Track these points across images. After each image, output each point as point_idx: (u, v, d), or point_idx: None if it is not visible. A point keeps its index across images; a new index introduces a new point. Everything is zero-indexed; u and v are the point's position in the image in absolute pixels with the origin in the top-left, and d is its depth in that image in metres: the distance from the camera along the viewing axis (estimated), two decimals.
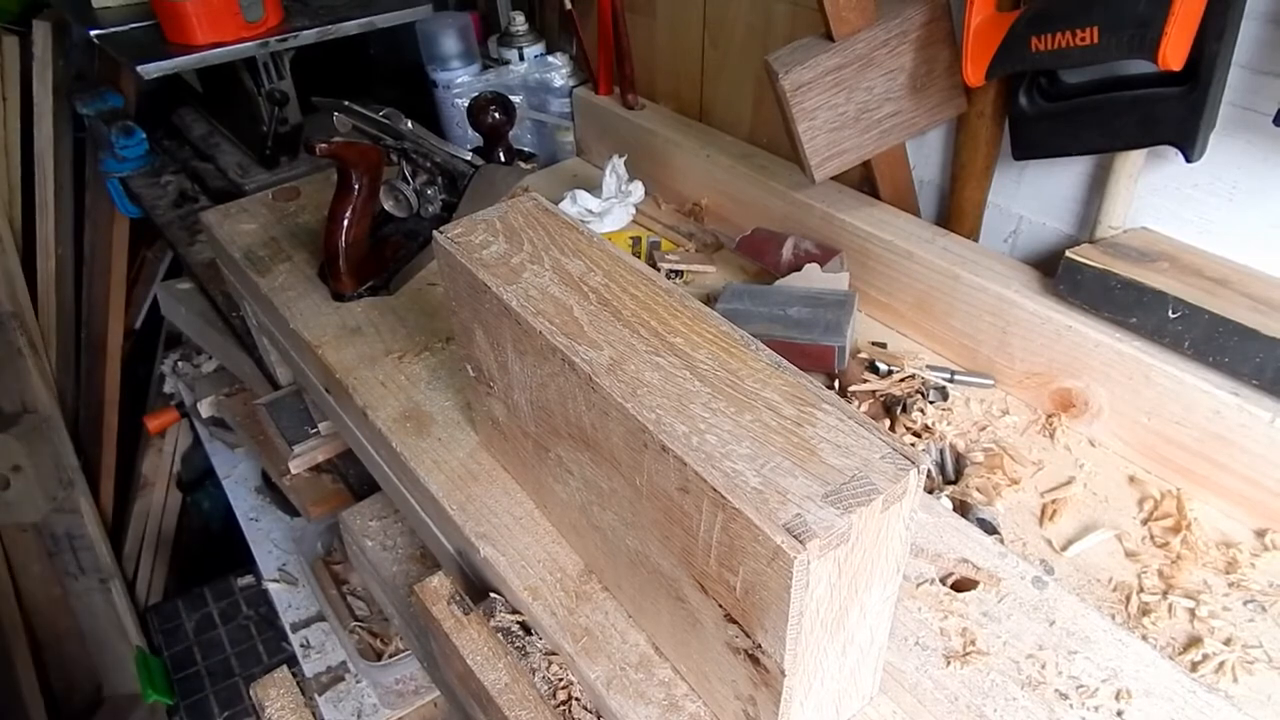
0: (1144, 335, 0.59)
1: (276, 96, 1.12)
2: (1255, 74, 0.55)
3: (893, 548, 0.34)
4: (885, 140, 0.71)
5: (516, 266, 0.43)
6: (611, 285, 0.39)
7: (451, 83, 1.06)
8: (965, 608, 0.47)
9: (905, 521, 0.34)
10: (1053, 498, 0.59)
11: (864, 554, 0.33)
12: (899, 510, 0.33)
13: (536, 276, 0.42)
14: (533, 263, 0.43)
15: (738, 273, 0.84)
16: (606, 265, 0.41)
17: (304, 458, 0.95)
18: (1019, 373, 0.67)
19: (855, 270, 0.77)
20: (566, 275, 0.41)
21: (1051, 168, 0.70)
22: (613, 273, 0.40)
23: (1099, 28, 0.54)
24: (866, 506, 0.31)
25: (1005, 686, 0.44)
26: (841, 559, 0.32)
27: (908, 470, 0.32)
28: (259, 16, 1.05)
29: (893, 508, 0.32)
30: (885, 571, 0.34)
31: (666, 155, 0.95)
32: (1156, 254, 0.62)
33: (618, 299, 0.39)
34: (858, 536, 0.32)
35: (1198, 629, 0.50)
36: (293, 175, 1.15)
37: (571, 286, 0.40)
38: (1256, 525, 0.57)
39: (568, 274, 0.41)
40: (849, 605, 0.34)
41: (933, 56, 0.67)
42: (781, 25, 0.85)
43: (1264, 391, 0.55)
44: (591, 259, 0.41)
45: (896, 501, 0.32)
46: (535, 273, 0.42)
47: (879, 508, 0.32)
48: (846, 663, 0.35)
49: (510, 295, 0.41)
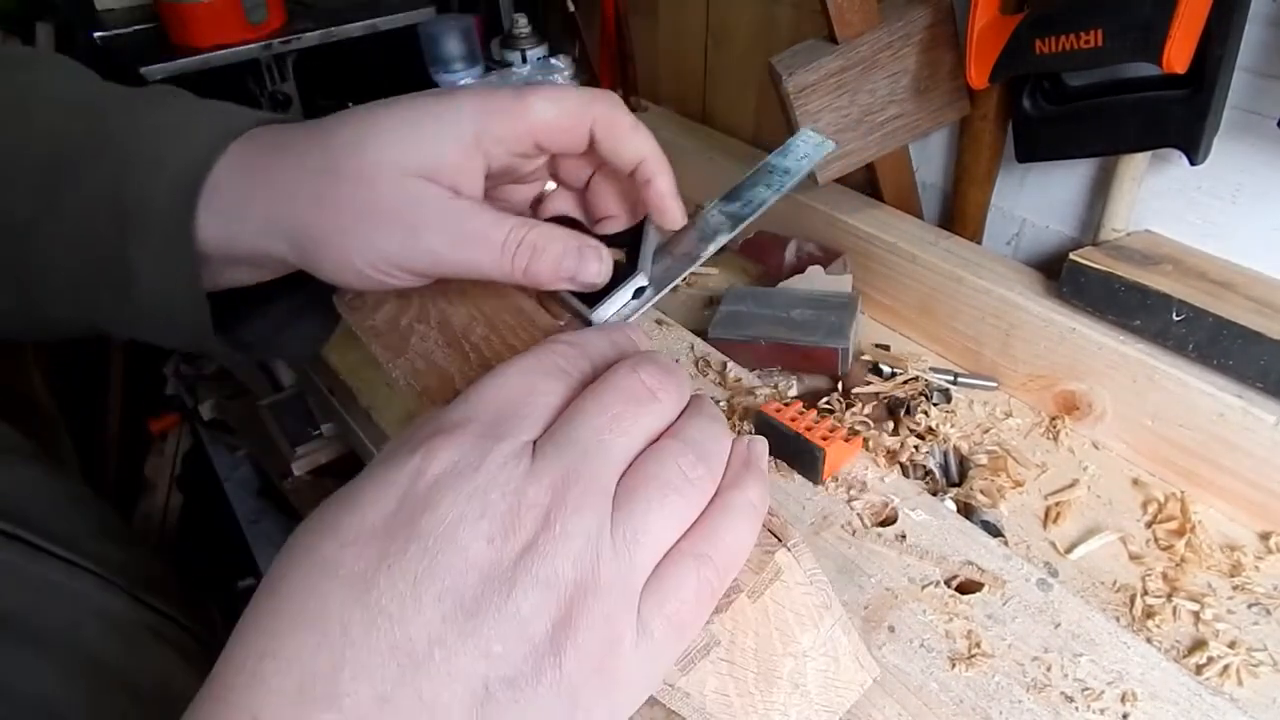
0: (1148, 338, 0.59)
1: (280, 99, 1.12)
2: (1259, 77, 0.56)
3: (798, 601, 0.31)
4: (888, 143, 0.71)
5: (405, 330, 0.41)
6: (492, 338, 0.38)
7: (454, 85, 1.06)
8: (970, 610, 0.47)
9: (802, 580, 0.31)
10: (1056, 500, 0.59)
11: (755, 636, 0.30)
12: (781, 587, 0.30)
13: (423, 340, 0.40)
14: (420, 321, 0.41)
15: (740, 275, 0.84)
16: (489, 310, 0.40)
17: (306, 459, 0.96)
18: (1022, 375, 0.67)
19: (858, 273, 0.77)
20: (450, 333, 0.39)
21: (1055, 170, 0.70)
22: (494, 321, 0.39)
23: (1103, 31, 0.54)
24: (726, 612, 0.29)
25: (1011, 689, 0.44)
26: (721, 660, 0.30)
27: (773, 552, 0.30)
28: (262, 19, 1.05)
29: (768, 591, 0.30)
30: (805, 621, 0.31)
31: (670, 157, 0.95)
32: (1160, 257, 0.62)
33: (497, 355, 0.37)
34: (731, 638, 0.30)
35: (1202, 632, 0.50)
36: None
37: (454, 348, 0.39)
38: (1261, 528, 0.57)
39: (452, 331, 0.39)
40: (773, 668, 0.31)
41: (936, 59, 0.68)
42: (785, 28, 0.85)
43: (1269, 395, 0.55)
44: (475, 304, 0.40)
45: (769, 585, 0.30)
46: (422, 335, 0.41)
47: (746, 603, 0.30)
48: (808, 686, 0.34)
49: (398, 373, 0.40)
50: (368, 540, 0.24)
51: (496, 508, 0.24)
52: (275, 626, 0.23)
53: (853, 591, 0.49)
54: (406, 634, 0.22)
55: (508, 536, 0.24)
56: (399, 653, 0.22)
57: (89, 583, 0.43)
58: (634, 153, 0.37)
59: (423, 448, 0.25)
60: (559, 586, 0.24)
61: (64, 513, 0.47)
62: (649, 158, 0.37)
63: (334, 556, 0.24)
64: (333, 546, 0.24)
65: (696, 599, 0.27)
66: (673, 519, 0.27)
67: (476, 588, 0.23)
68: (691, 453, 0.27)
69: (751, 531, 0.29)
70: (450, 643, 0.23)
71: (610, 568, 0.25)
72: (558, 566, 0.24)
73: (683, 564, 0.26)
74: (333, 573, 0.23)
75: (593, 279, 0.36)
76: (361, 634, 0.22)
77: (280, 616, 0.23)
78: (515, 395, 0.27)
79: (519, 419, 0.27)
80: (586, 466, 0.26)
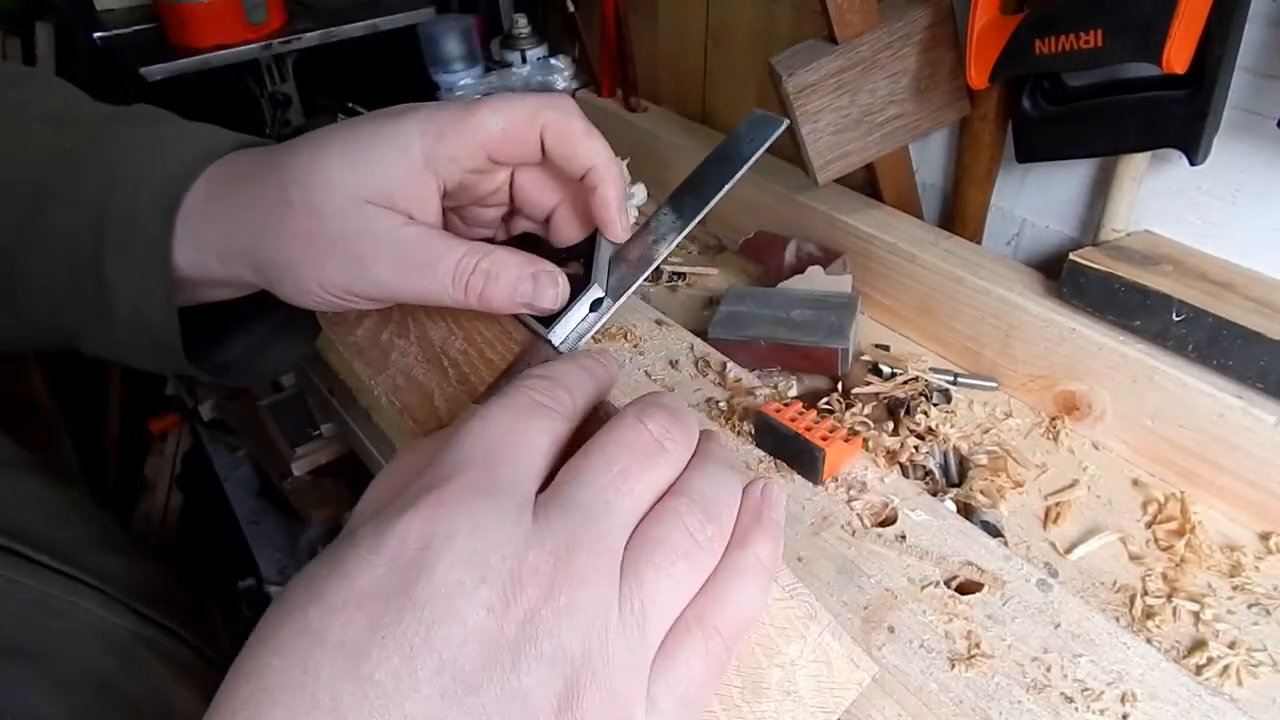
0: (1148, 338, 0.59)
1: (279, 99, 1.12)
2: (1259, 77, 0.56)
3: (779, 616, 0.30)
4: (888, 143, 0.71)
5: (385, 345, 0.41)
6: (469, 351, 0.38)
7: (454, 85, 1.06)
8: (970, 610, 0.47)
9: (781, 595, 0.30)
10: (1056, 500, 0.59)
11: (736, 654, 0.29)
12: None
13: (402, 356, 0.40)
14: (399, 336, 0.41)
15: (740, 275, 0.84)
16: (465, 324, 0.39)
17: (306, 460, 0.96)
18: (1022, 375, 0.67)
19: (858, 273, 0.77)
20: (429, 346, 0.39)
21: (1054, 171, 0.70)
22: (470, 334, 0.39)
23: (1103, 31, 0.54)
24: None
25: (1010, 690, 0.44)
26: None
27: None
28: (262, 19, 1.05)
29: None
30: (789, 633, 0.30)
31: (669, 158, 0.95)
32: (1160, 257, 0.62)
33: (475, 371, 0.37)
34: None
35: (1202, 632, 0.50)
36: None
37: (434, 364, 0.39)
38: (1260, 529, 0.57)
39: (430, 344, 0.39)
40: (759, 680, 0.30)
41: (936, 59, 0.67)
42: (784, 28, 0.85)
43: (1268, 395, 0.55)
44: (453, 317, 0.40)
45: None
46: (401, 350, 0.41)
47: None
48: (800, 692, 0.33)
49: (380, 390, 0.40)
50: (356, 607, 0.22)
51: (497, 573, 0.22)
52: (258, 697, 0.21)
53: (852, 592, 0.49)
54: (402, 711, 0.21)
55: (508, 605, 0.22)
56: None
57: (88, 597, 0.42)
58: (584, 160, 0.36)
59: (412, 507, 0.23)
60: (564, 662, 0.22)
61: (64, 525, 0.46)
62: (598, 165, 0.36)
63: (321, 624, 0.22)
64: (319, 613, 0.22)
65: (706, 677, 0.25)
66: (682, 587, 0.25)
67: (477, 661, 0.21)
68: (701, 512, 0.26)
69: (761, 593, 0.27)
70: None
71: (619, 643, 0.23)
72: (563, 641, 0.22)
73: (691, 642, 0.25)
74: (320, 640, 0.21)
75: (548, 305, 0.35)
76: (353, 708, 0.21)
77: (264, 686, 0.21)
78: (504, 440, 0.26)
79: (513, 469, 0.25)
80: (591, 531, 0.24)
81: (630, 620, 0.24)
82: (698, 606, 0.26)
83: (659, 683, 0.24)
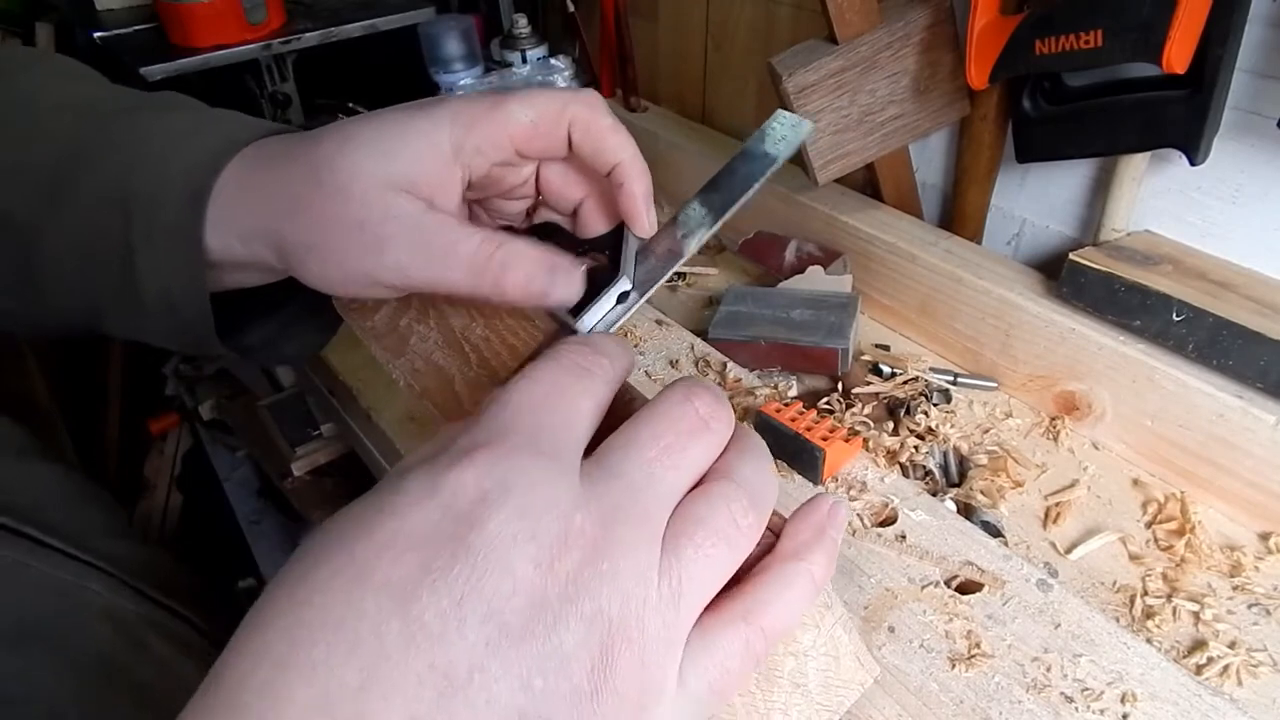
0: (1148, 338, 0.59)
1: (279, 99, 1.12)
2: (1259, 78, 0.56)
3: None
4: (888, 143, 0.71)
5: (404, 331, 0.41)
6: (491, 337, 0.38)
7: (454, 85, 1.06)
8: (970, 610, 0.47)
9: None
10: (1056, 500, 0.59)
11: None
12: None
13: (422, 341, 0.40)
14: (419, 322, 0.41)
15: (740, 275, 0.85)
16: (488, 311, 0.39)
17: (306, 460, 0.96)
18: (1022, 375, 0.67)
19: (858, 273, 0.77)
20: (449, 332, 0.39)
21: (1054, 171, 0.70)
22: (492, 320, 0.39)
23: (1103, 31, 0.54)
24: None
25: (1011, 689, 0.44)
26: None
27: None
28: (262, 19, 1.05)
29: None
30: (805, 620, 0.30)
31: (669, 158, 0.95)
32: (1160, 257, 0.62)
33: (496, 356, 0.37)
34: None
35: (1202, 632, 0.50)
36: None
37: (454, 348, 0.39)
38: (1260, 529, 0.57)
39: (450, 330, 0.39)
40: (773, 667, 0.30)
41: (936, 60, 0.68)
42: (784, 28, 0.85)
43: (1268, 395, 0.55)
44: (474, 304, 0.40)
45: None
46: (421, 335, 0.40)
47: None
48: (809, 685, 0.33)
49: (398, 373, 0.40)
50: (406, 547, 0.22)
51: (547, 531, 0.22)
52: (295, 633, 0.21)
53: (853, 591, 0.49)
54: (447, 655, 0.21)
55: (554, 564, 0.22)
56: (437, 674, 0.20)
57: (97, 581, 0.42)
58: (611, 155, 0.36)
59: (464, 459, 0.23)
60: (602, 625, 0.22)
61: (73, 510, 0.47)
62: (625, 161, 0.36)
63: (369, 561, 0.22)
64: (368, 549, 0.22)
65: (741, 669, 0.25)
66: (718, 569, 0.25)
67: (521, 614, 0.22)
68: (745, 498, 0.26)
69: (805, 605, 0.27)
70: (491, 670, 0.21)
71: (656, 615, 0.23)
72: (603, 604, 0.22)
73: (735, 634, 0.25)
74: (367, 578, 0.21)
75: (564, 299, 0.35)
76: (398, 649, 0.20)
77: (302, 621, 0.21)
78: (550, 403, 0.26)
79: (562, 433, 0.25)
80: (637, 502, 0.24)
81: (667, 593, 0.24)
82: (746, 599, 0.26)
83: (695, 665, 0.24)
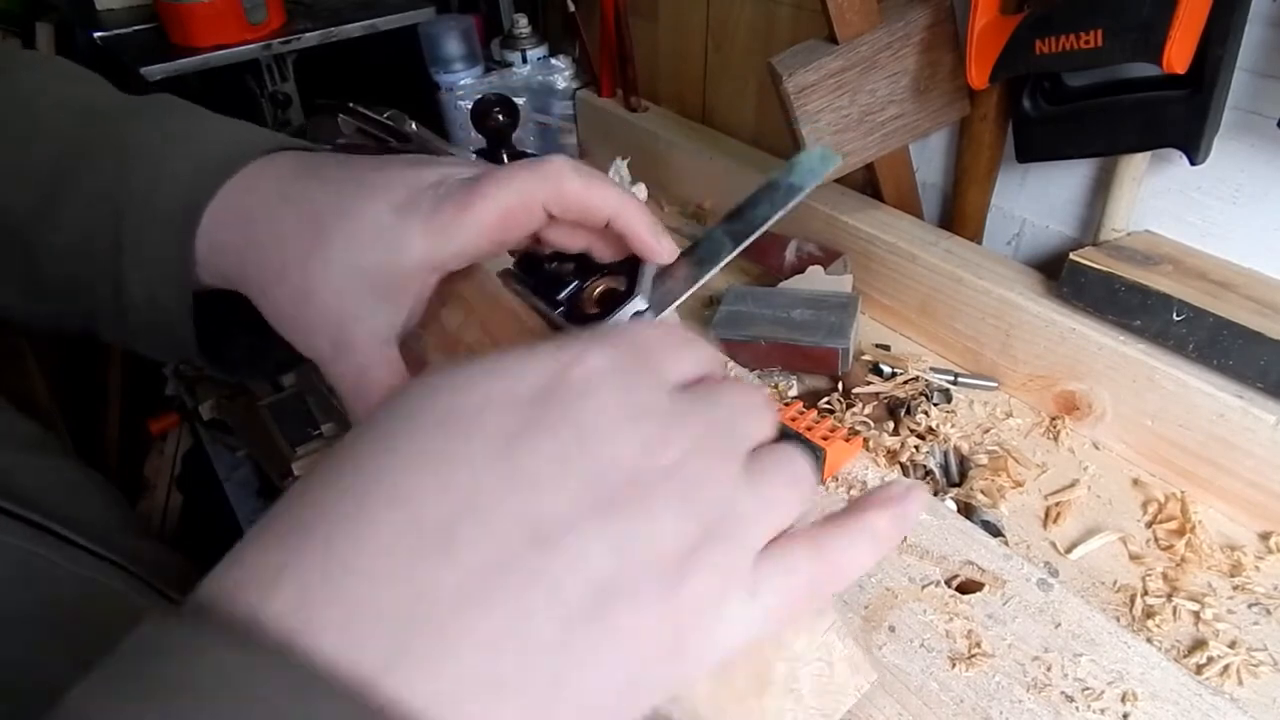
0: (1148, 338, 0.59)
1: (279, 99, 1.12)
2: (1259, 77, 0.56)
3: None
4: (889, 143, 0.71)
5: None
6: (485, 340, 0.38)
7: (454, 85, 1.06)
8: (970, 610, 0.47)
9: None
10: (1056, 500, 0.59)
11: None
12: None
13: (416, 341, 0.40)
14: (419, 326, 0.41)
15: (740, 275, 0.84)
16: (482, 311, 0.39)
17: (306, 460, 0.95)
18: (1022, 375, 0.67)
19: (858, 273, 0.77)
20: (444, 334, 0.39)
21: (1055, 171, 0.70)
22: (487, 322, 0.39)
23: (1103, 31, 0.54)
24: None
25: (1011, 689, 0.44)
26: None
27: None
28: (262, 19, 1.05)
29: None
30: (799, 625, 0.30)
31: (669, 157, 0.95)
32: (1160, 257, 0.62)
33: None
34: None
35: (1202, 632, 0.50)
36: None
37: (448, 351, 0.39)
38: (1260, 529, 0.57)
39: (445, 331, 0.39)
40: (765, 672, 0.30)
41: (936, 60, 0.68)
42: (784, 28, 0.85)
43: (1268, 395, 0.55)
44: (469, 303, 0.40)
45: None
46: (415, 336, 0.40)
47: None
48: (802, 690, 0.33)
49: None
50: (514, 406, 0.22)
51: (651, 417, 0.23)
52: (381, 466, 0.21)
53: (853, 591, 0.49)
54: (541, 506, 0.20)
55: (653, 452, 0.22)
56: (528, 523, 0.20)
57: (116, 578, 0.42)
58: (598, 213, 0.36)
59: (573, 348, 0.24)
60: (693, 517, 0.22)
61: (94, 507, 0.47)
62: (614, 212, 0.36)
63: (475, 412, 0.22)
64: (475, 401, 0.22)
65: (807, 588, 0.25)
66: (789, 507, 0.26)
67: (621, 486, 0.22)
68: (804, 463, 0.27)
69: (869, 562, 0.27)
70: (585, 530, 0.21)
71: (738, 522, 0.24)
72: (696, 497, 0.23)
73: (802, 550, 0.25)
74: (468, 426, 0.21)
75: None
76: (493, 491, 0.20)
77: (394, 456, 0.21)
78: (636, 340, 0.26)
79: (659, 357, 0.26)
80: (728, 427, 0.25)
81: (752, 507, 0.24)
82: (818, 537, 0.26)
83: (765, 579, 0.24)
